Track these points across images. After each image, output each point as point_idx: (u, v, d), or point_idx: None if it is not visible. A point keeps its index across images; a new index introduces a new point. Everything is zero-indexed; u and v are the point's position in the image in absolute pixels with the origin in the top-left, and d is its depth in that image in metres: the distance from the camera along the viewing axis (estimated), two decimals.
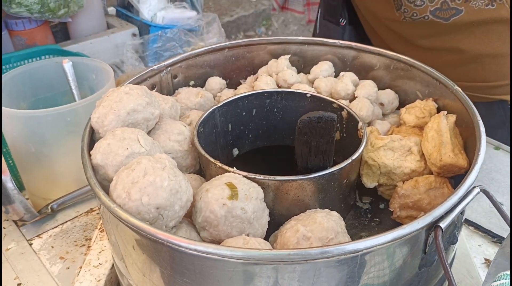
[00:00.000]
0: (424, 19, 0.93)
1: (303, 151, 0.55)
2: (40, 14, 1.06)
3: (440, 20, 0.92)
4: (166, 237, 0.41)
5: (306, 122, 0.53)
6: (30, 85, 0.85)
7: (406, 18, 0.96)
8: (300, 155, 0.56)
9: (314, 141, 0.54)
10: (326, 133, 0.54)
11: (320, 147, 0.54)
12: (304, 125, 0.53)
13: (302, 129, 0.54)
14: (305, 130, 0.53)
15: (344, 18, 1.13)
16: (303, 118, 0.53)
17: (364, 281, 0.43)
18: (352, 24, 1.14)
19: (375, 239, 0.40)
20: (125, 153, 0.51)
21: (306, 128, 0.53)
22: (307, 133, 0.54)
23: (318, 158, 0.55)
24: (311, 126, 0.53)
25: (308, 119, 0.53)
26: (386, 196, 0.62)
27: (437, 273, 0.51)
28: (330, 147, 0.55)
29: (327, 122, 0.53)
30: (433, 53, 0.99)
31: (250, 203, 0.49)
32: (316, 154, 0.55)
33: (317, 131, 0.54)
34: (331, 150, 0.56)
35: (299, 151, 0.55)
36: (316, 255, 0.40)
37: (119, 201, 0.46)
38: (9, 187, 0.70)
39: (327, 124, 0.53)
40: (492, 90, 1.00)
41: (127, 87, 0.58)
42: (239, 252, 0.40)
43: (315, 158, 0.55)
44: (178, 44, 1.19)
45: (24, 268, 0.70)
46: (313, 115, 0.53)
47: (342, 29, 1.14)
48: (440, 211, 0.43)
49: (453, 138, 0.58)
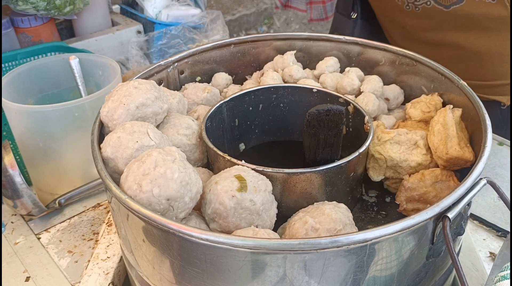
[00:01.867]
0: (426, 5, 0.94)
1: (311, 144, 0.55)
2: (46, 11, 1.07)
3: (441, 7, 0.93)
4: (177, 227, 0.42)
5: (315, 115, 0.53)
6: (37, 81, 0.86)
7: (409, 5, 0.96)
8: (308, 147, 0.56)
9: (322, 134, 0.55)
10: (334, 126, 0.54)
11: (328, 140, 0.55)
12: (312, 118, 0.54)
13: (310, 121, 0.54)
14: (313, 123, 0.54)
15: (356, 12, 1.13)
16: (311, 110, 0.54)
17: (372, 270, 0.44)
18: (363, 18, 1.14)
19: (384, 229, 0.41)
20: (135, 146, 0.52)
21: (314, 121, 0.54)
22: (316, 126, 0.54)
23: (326, 150, 0.56)
24: (320, 119, 0.54)
25: (317, 111, 0.53)
26: (392, 190, 0.63)
27: (444, 264, 0.51)
28: (338, 140, 0.56)
29: (335, 115, 0.54)
30: (435, 49, 1.00)
31: (259, 195, 0.50)
32: (324, 147, 0.55)
33: (325, 123, 0.54)
34: (339, 143, 0.56)
35: (307, 143, 0.56)
36: (325, 245, 0.40)
37: (130, 192, 0.47)
38: (17, 182, 0.71)
39: (335, 117, 0.54)
40: (490, 90, 1.01)
41: (136, 81, 0.59)
42: (250, 242, 0.40)
43: (323, 150, 0.56)
44: (182, 41, 1.19)
45: (32, 262, 0.70)
46: (321, 108, 0.53)
47: (354, 22, 1.14)
48: (448, 201, 0.43)
49: (459, 131, 0.58)
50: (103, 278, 0.66)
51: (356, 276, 0.44)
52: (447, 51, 1.00)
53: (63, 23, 1.28)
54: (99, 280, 0.66)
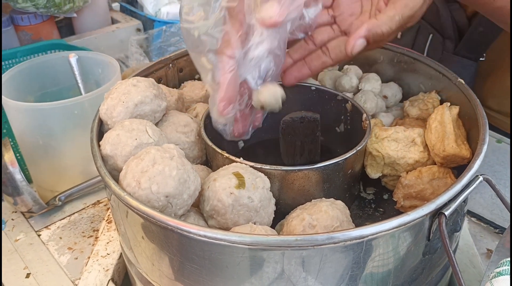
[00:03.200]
0: None
1: (288, 151, 0.56)
2: (45, 9, 1.08)
3: None
4: (176, 223, 0.42)
5: (289, 122, 0.54)
6: (36, 79, 0.86)
7: None
8: (286, 154, 0.57)
9: (298, 141, 0.55)
10: (310, 133, 0.55)
11: (306, 146, 0.55)
12: (287, 125, 0.54)
13: (285, 129, 0.55)
14: (288, 130, 0.55)
15: None
16: (286, 118, 0.54)
17: (369, 267, 0.44)
18: None
19: (380, 225, 0.41)
20: (134, 143, 0.52)
21: (289, 128, 0.55)
22: (291, 133, 0.55)
23: (304, 157, 0.56)
24: (294, 126, 0.54)
25: (291, 119, 0.54)
26: (389, 187, 0.63)
27: (440, 261, 0.52)
28: (315, 146, 0.56)
29: (310, 122, 0.54)
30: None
31: (257, 192, 0.50)
32: (301, 153, 0.56)
33: (301, 131, 0.55)
34: (317, 149, 0.57)
35: (284, 150, 0.57)
36: (322, 241, 0.40)
37: (129, 189, 0.47)
38: (17, 179, 0.71)
39: (311, 124, 0.54)
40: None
41: (134, 79, 0.59)
42: (248, 238, 0.41)
43: (301, 157, 0.56)
44: (182, 39, 1.19)
45: (33, 259, 0.71)
46: (295, 115, 0.54)
47: None
48: (444, 198, 0.44)
49: (456, 129, 0.58)
50: (103, 274, 0.66)
51: (353, 272, 0.44)
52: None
53: (63, 21, 1.28)
54: (99, 276, 0.66)
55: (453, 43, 0.95)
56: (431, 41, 0.99)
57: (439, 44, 0.98)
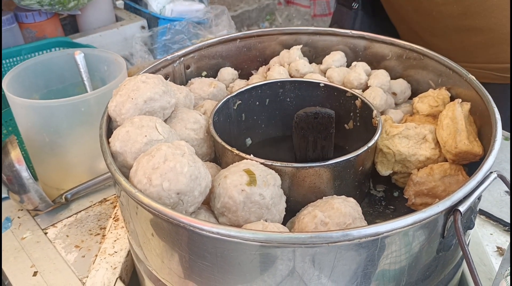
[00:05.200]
0: None
1: (300, 145, 0.56)
2: (50, 6, 1.07)
3: None
4: (188, 220, 0.42)
5: (303, 117, 0.54)
6: (42, 77, 0.86)
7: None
8: (298, 148, 0.56)
9: (311, 136, 0.55)
10: (323, 129, 0.54)
11: (318, 142, 0.55)
12: (300, 120, 0.54)
13: (298, 123, 0.54)
14: (301, 125, 0.54)
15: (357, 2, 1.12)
16: (300, 112, 0.54)
17: (382, 264, 0.44)
18: (364, 9, 1.13)
19: (395, 222, 0.41)
20: (144, 140, 0.52)
21: (302, 123, 0.54)
22: (304, 128, 0.54)
23: (316, 152, 0.56)
24: (308, 121, 0.54)
25: (305, 114, 0.53)
26: (400, 184, 0.62)
27: (453, 258, 0.51)
28: (328, 143, 0.56)
29: (324, 118, 0.54)
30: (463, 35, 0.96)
31: (268, 189, 0.50)
32: (314, 149, 0.55)
33: (314, 126, 0.54)
34: (330, 145, 0.56)
35: (297, 144, 0.56)
36: (337, 238, 0.40)
37: (140, 186, 0.47)
38: (24, 176, 0.71)
39: (324, 120, 0.54)
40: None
41: (143, 76, 0.59)
42: (261, 235, 0.40)
43: (313, 152, 0.56)
44: (186, 37, 1.19)
45: (40, 257, 0.70)
46: (309, 111, 0.53)
47: (355, 13, 1.12)
48: (459, 195, 0.43)
49: (468, 125, 0.58)
50: (110, 272, 0.66)
51: (367, 270, 0.44)
52: (477, 37, 0.95)
53: (67, 18, 1.27)
54: (106, 274, 0.66)
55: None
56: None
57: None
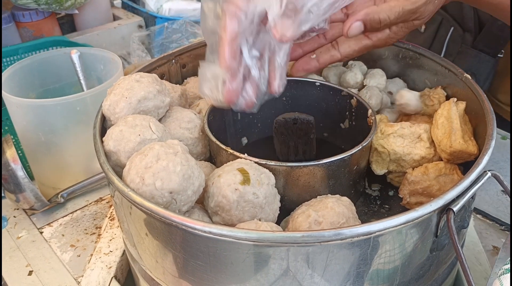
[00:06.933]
0: None
1: (282, 150, 0.56)
2: (47, 5, 1.07)
3: None
4: (181, 220, 0.42)
5: (282, 123, 0.54)
6: (38, 76, 0.86)
7: None
8: (280, 153, 0.57)
9: (291, 141, 0.55)
10: (303, 134, 0.55)
11: (299, 147, 0.55)
12: (279, 125, 0.54)
13: (278, 129, 0.55)
14: (281, 130, 0.55)
15: None
16: (278, 118, 0.55)
17: (376, 263, 0.44)
18: None
19: (388, 221, 0.41)
20: (137, 139, 0.52)
21: (282, 128, 0.55)
22: (284, 133, 0.55)
23: (298, 157, 0.56)
24: (287, 127, 0.54)
25: (284, 120, 0.54)
26: (395, 183, 0.62)
27: (447, 258, 0.51)
28: (309, 148, 0.56)
29: (303, 124, 0.54)
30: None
31: (262, 189, 0.49)
32: (296, 153, 0.56)
33: (294, 132, 0.55)
34: (312, 150, 0.56)
35: (278, 149, 0.57)
36: (329, 237, 0.40)
37: (133, 185, 0.46)
38: (20, 176, 0.71)
39: (304, 126, 0.54)
40: None
41: (138, 75, 0.58)
42: (253, 234, 0.40)
43: (295, 156, 0.56)
44: (184, 36, 1.19)
45: (35, 256, 0.70)
46: (288, 116, 0.54)
47: None
48: (452, 194, 0.43)
49: (463, 125, 0.58)
50: (105, 272, 0.66)
51: (360, 269, 0.44)
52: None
53: (64, 17, 1.27)
54: (101, 274, 0.66)
55: (472, 36, 0.94)
56: (451, 34, 0.98)
57: (458, 37, 0.97)
